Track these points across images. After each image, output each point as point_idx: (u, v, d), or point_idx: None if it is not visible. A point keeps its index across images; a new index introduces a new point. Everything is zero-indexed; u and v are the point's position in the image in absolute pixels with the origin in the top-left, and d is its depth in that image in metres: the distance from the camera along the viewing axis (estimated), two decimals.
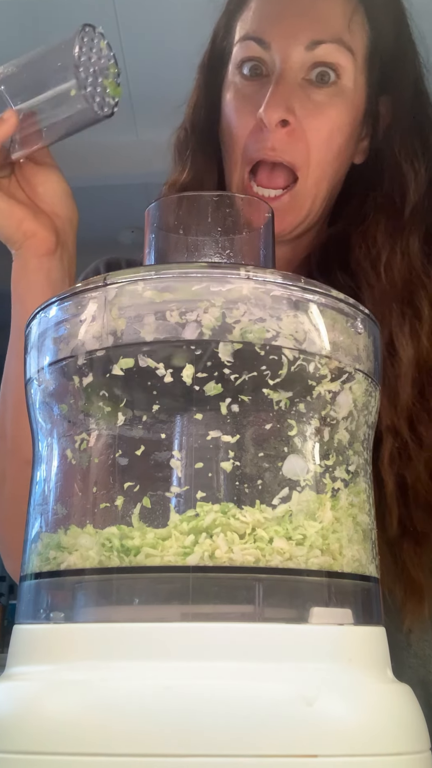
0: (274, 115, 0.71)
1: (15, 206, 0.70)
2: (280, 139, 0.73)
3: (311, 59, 0.74)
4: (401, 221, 0.77)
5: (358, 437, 0.47)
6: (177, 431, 0.44)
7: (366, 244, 0.77)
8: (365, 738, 0.38)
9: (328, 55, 0.74)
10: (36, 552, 0.45)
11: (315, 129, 0.74)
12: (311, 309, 0.44)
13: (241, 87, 0.76)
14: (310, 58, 0.74)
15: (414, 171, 0.78)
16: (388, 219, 0.77)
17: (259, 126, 0.73)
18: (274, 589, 0.41)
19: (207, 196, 0.56)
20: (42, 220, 0.71)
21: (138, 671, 0.38)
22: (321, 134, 0.74)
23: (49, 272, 0.71)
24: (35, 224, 0.71)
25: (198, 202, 0.56)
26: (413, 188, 0.78)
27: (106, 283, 0.44)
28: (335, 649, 0.40)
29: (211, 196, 0.56)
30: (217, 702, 0.36)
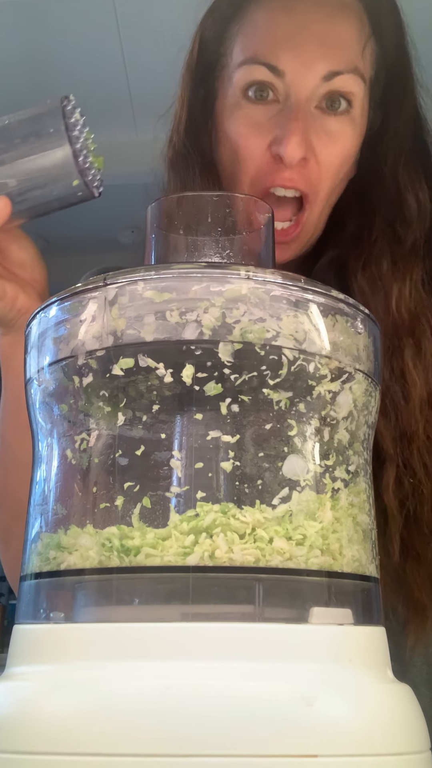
0: (296, 155, 0.70)
1: (5, 284, 0.68)
2: (297, 171, 0.72)
3: (326, 89, 0.72)
4: (404, 251, 0.77)
5: (358, 437, 0.47)
6: (177, 431, 0.44)
7: (369, 272, 0.76)
8: (365, 738, 0.38)
9: (344, 87, 0.72)
10: (36, 552, 0.45)
11: (330, 159, 0.73)
12: (311, 309, 0.44)
13: (247, 111, 0.73)
14: (324, 88, 0.72)
15: (417, 202, 0.77)
16: (392, 248, 0.77)
17: (273, 157, 0.72)
18: (274, 589, 0.41)
19: (207, 196, 0.56)
20: (29, 292, 0.69)
21: (138, 671, 0.38)
22: (335, 163, 0.73)
23: None
24: (27, 299, 0.68)
25: (198, 202, 0.56)
26: (416, 218, 0.77)
27: (106, 283, 0.44)
28: (335, 649, 0.40)
29: (211, 196, 0.56)
30: (217, 702, 0.36)
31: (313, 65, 0.71)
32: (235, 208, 0.56)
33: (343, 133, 0.74)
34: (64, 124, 0.62)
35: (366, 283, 0.76)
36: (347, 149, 0.74)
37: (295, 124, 0.70)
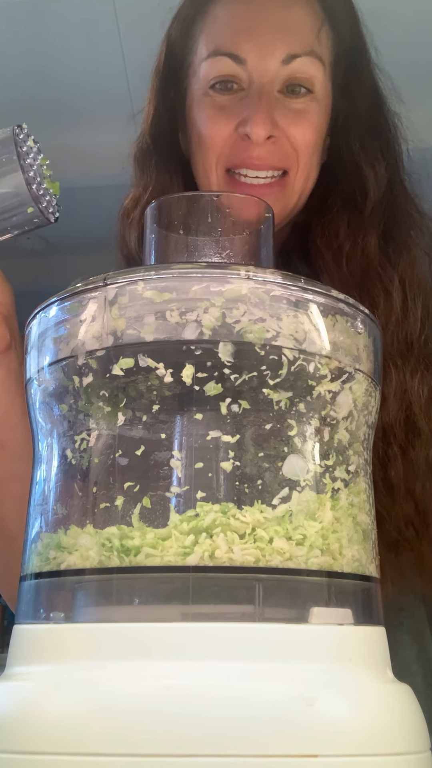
0: (261, 133, 0.73)
1: None
2: (266, 150, 0.75)
3: (286, 72, 0.75)
4: (362, 218, 0.80)
5: (358, 437, 0.47)
6: (177, 431, 0.44)
7: (328, 236, 0.80)
8: (365, 738, 0.38)
9: (303, 69, 0.76)
10: (36, 552, 0.45)
11: (301, 134, 0.76)
12: (311, 309, 0.44)
13: (213, 98, 0.77)
14: (285, 71, 0.75)
15: (374, 172, 0.81)
16: (350, 215, 0.80)
17: (240, 137, 0.75)
18: (274, 589, 0.41)
19: (207, 196, 0.56)
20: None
21: (138, 671, 0.38)
22: (307, 138, 0.77)
23: (8, 365, 0.69)
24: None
25: (198, 202, 0.56)
26: (374, 189, 0.81)
27: (106, 283, 0.44)
28: (335, 649, 0.40)
29: (210, 196, 0.56)
30: (217, 702, 0.36)
31: (272, 50, 0.75)
32: (235, 208, 0.56)
33: (308, 110, 0.77)
34: (16, 152, 0.62)
35: (323, 245, 0.80)
36: (314, 125, 0.78)
37: (259, 104, 0.74)
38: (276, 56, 0.75)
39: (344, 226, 0.80)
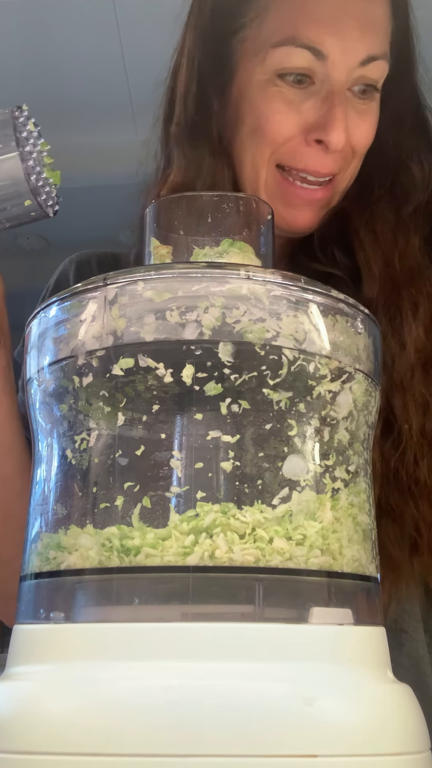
0: (342, 141, 0.70)
1: None
2: (333, 156, 0.72)
3: (360, 73, 0.71)
4: (405, 217, 0.78)
5: (358, 437, 0.47)
6: (177, 431, 0.44)
7: (371, 227, 0.77)
8: (365, 738, 0.38)
9: (376, 71, 0.72)
10: (36, 552, 0.45)
11: (362, 137, 0.74)
12: (311, 309, 0.44)
13: (282, 90, 0.72)
14: (359, 72, 0.71)
15: (421, 170, 0.79)
16: (395, 209, 0.78)
17: (306, 141, 0.72)
18: (274, 589, 0.41)
19: (207, 196, 0.56)
20: None
21: (138, 671, 0.38)
22: (367, 140, 0.74)
23: None
24: None
25: (198, 202, 0.56)
26: (420, 187, 0.78)
27: (106, 283, 0.44)
28: (335, 649, 0.40)
29: (211, 196, 0.56)
30: (217, 702, 0.36)
31: (355, 49, 0.70)
32: (235, 208, 0.56)
33: (371, 112, 0.74)
34: (15, 138, 0.56)
35: (368, 239, 0.77)
36: (374, 126, 0.75)
37: (338, 110, 0.70)
38: (358, 56, 0.70)
39: (391, 219, 0.77)
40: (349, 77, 0.71)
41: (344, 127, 0.70)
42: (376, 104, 0.75)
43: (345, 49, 0.70)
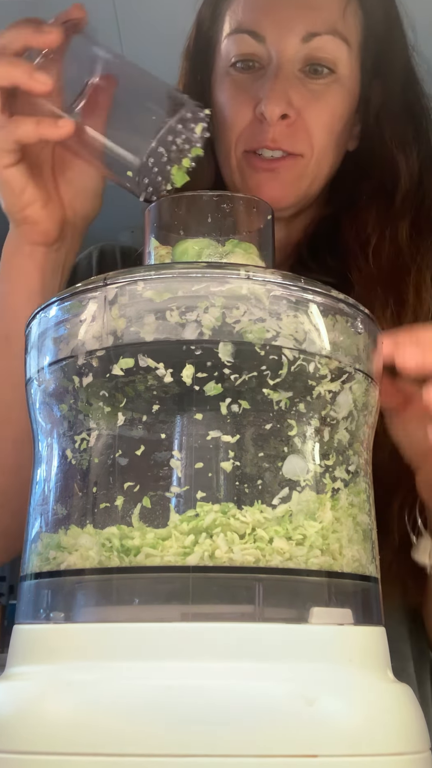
0: (276, 110, 0.72)
1: (31, 187, 0.65)
2: (280, 132, 0.73)
3: (306, 51, 0.74)
4: (392, 208, 0.78)
5: (358, 437, 0.47)
6: (177, 431, 0.44)
7: (356, 228, 0.78)
8: (365, 738, 0.38)
9: (324, 48, 0.74)
10: (36, 552, 0.45)
11: (315, 117, 0.74)
12: (311, 309, 0.44)
13: (234, 78, 0.76)
14: (305, 50, 0.74)
15: (406, 158, 0.79)
16: (379, 205, 0.79)
17: (257, 119, 0.74)
18: (274, 589, 0.41)
19: (207, 196, 0.56)
20: (50, 210, 0.67)
21: (138, 671, 0.38)
22: (321, 121, 0.75)
23: (41, 262, 0.68)
24: (41, 213, 0.66)
25: (198, 202, 0.56)
26: (405, 176, 0.79)
27: (106, 283, 0.44)
28: (335, 649, 0.40)
29: (210, 196, 0.56)
30: (217, 702, 0.36)
31: (290, 27, 0.73)
32: (235, 208, 0.56)
33: (328, 93, 0.75)
34: (166, 123, 0.58)
35: (351, 239, 0.78)
36: (333, 109, 0.76)
37: (274, 81, 0.73)
38: (295, 33, 0.73)
39: (373, 216, 0.78)
40: (294, 56, 0.74)
41: (279, 98, 0.72)
42: (339, 88, 0.75)
43: (279, 28, 0.73)
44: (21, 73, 0.58)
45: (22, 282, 0.68)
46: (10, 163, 0.63)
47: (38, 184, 0.65)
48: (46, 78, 0.58)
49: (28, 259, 0.68)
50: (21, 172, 0.64)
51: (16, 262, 0.69)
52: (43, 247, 0.68)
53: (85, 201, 0.69)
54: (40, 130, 0.59)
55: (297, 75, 0.74)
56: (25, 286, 0.68)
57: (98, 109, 0.61)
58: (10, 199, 0.65)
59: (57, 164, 0.67)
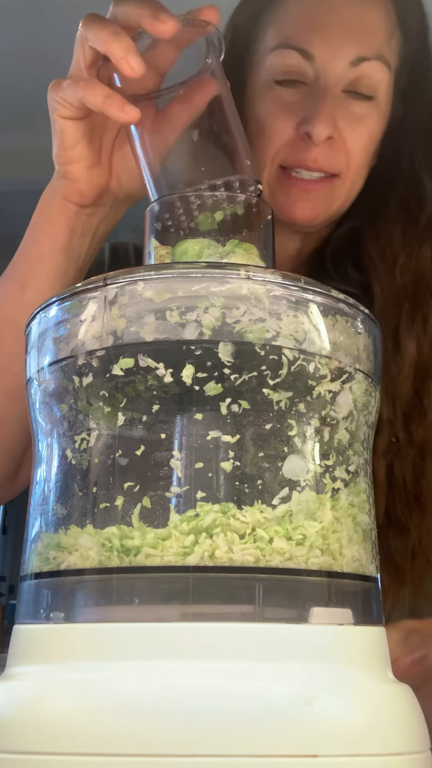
0: (324, 132, 0.73)
1: (82, 146, 0.64)
2: (322, 152, 0.74)
3: (353, 74, 0.75)
4: (417, 228, 0.81)
5: (358, 437, 0.47)
6: (177, 431, 0.44)
7: (381, 244, 0.80)
8: (365, 738, 0.38)
9: (371, 73, 0.75)
10: (36, 552, 0.45)
11: (355, 140, 0.76)
12: (311, 309, 0.44)
13: (277, 92, 0.76)
14: (352, 73, 0.75)
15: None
16: (405, 225, 0.81)
17: (300, 136, 0.75)
18: (274, 589, 0.41)
19: (207, 196, 0.56)
20: (94, 174, 0.66)
21: (138, 671, 0.38)
22: (361, 144, 0.77)
23: (70, 220, 0.67)
24: (83, 173, 0.65)
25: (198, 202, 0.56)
26: (431, 200, 0.81)
27: (106, 283, 0.44)
28: (335, 649, 0.40)
29: (211, 196, 0.56)
30: (217, 702, 0.36)
31: (342, 50, 0.74)
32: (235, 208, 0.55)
33: (369, 116, 0.77)
34: (208, 182, 0.55)
35: (376, 254, 0.80)
36: (372, 132, 0.77)
37: (323, 104, 0.73)
38: (345, 56, 0.74)
39: (398, 235, 0.80)
40: (340, 78, 0.75)
41: (328, 120, 0.73)
42: (377, 111, 0.77)
43: (331, 49, 0.74)
44: (117, 48, 0.56)
45: (50, 235, 0.67)
46: (69, 117, 0.62)
47: (92, 146, 0.65)
48: (138, 65, 0.56)
49: (59, 213, 0.67)
50: (77, 127, 0.63)
51: (48, 211, 0.68)
52: (76, 206, 0.67)
53: (133, 179, 0.67)
54: (104, 104, 0.58)
55: (341, 96, 0.75)
56: (52, 239, 0.67)
57: (170, 122, 0.60)
58: (59, 150, 0.65)
59: (121, 134, 0.67)
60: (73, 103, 0.61)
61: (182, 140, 0.60)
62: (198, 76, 0.59)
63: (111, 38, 0.57)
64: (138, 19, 0.57)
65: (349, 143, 0.75)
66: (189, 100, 0.59)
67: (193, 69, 0.59)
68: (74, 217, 0.67)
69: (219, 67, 0.59)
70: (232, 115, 0.59)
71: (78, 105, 0.61)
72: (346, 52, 0.74)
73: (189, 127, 0.59)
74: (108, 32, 0.57)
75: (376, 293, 0.78)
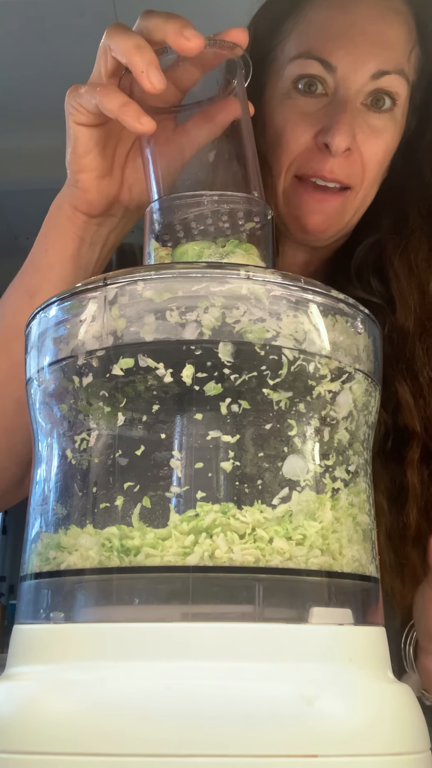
0: (343, 144, 0.73)
1: (94, 155, 0.63)
2: (339, 163, 0.75)
3: (373, 86, 0.75)
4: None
5: (358, 437, 0.47)
6: (177, 431, 0.44)
7: (407, 260, 0.81)
8: (365, 738, 0.38)
9: (390, 86, 0.76)
10: (36, 552, 0.45)
11: (372, 153, 0.76)
12: (311, 309, 0.44)
13: (297, 101, 0.77)
14: (372, 86, 0.75)
15: None
16: (429, 243, 0.81)
17: (318, 147, 0.75)
18: (274, 589, 0.41)
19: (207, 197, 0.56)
20: (104, 184, 0.65)
21: (138, 671, 0.38)
22: (377, 157, 0.77)
23: (79, 228, 0.67)
24: (93, 182, 0.64)
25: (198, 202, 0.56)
26: None
27: (106, 283, 0.44)
28: (335, 649, 0.40)
29: (211, 196, 0.56)
30: (217, 702, 0.36)
31: (364, 63, 0.75)
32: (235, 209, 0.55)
33: (386, 129, 0.77)
34: (209, 207, 0.54)
35: (402, 269, 0.81)
36: (388, 145, 0.78)
37: (343, 115, 0.74)
38: (367, 69, 0.74)
39: (425, 252, 0.81)
40: (360, 90, 0.75)
41: (347, 132, 0.73)
42: (394, 124, 0.78)
43: (354, 62, 0.74)
44: (139, 61, 0.56)
45: (59, 244, 0.67)
46: (84, 123, 0.62)
47: (105, 155, 0.64)
48: (159, 80, 0.55)
49: (68, 222, 0.67)
50: (91, 135, 0.62)
51: (57, 220, 0.68)
52: (85, 216, 0.66)
53: (145, 191, 0.65)
54: (120, 111, 0.57)
55: (360, 108, 0.76)
56: (61, 249, 0.67)
57: (187, 140, 0.59)
58: (71, 157, 0.64)
59: (135, 147, 0.66)
60: (88, 109, 0.60)
61: (195, 160, 0.59)
62: (221, 96, 0.58)
63: (134, 51, 0.56)
64: (164, 35, 0.56)
65: (366, 156, 0.76)
66: (210, 120, 0.59)
67: (216, 90, 0.58)
68: (83, 226, 0.67)
69: (243, 90, 0.59)
70: (249, 141, 0.58)
71: (94, 111, 0.60)
72: (368, 65, 0.74)
73: (204, 148, 0.59)
74: (131, 44, 0.57)
75: (399, 306, 0.79)
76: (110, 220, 0.68)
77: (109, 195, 0.66)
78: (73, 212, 0.66)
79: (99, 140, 0.63)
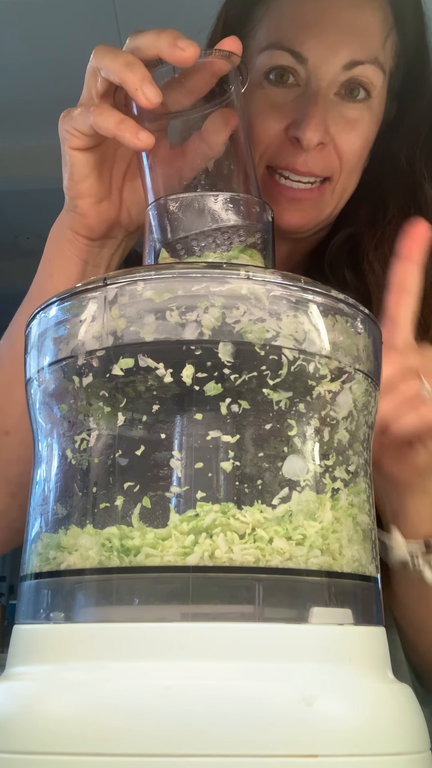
0: (314, 139, 0.72)
1: (91, 180, 0.63)
2: (312, 156, 0.73)
3: (346, 77, 0.73)
4: None
5: (358, 437, 0.47)
6: (177, 431, 0.44)
7: (381, 251, 0.79)
8: (365, 738, 0.38)
9: (364, 76, 0.74)
10: (36, 552, 0.45)
11: (348, 143, 0.75)
12: (311, 309, 0.44)
13: (267, 92, 0.75)
14: (345, 76, 0.73)
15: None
16: None
17: (289, 139, 0.73)
18: (274, 589, 0.41)
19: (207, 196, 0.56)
20: (103, 209, 0.65)
21: (138, 671, 0.38)
22: (354, 148, 0.75)
23: (82, 252, 0.66)
24: (92, 208, 0.64)
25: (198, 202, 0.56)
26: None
27: (106, 283, 0.44)
28: (335, 649, 0.40)
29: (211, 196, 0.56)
30: (217, 702, 0.36)
31: (335, 53, 0.73)
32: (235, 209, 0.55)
33: (361, 120, 0.75)
34: (210, 226, 0.53)
35: (377, 262, 0.79)
36: (364, 136, 0.76)
37: (314, 108, 0.72)
38: (339, 60, 0.72)
39: (399, 242, 0.79)
40: (333, 81, 0.73)
41: (318, 126, 0.72)
42: (370, 114, 0.76)
43: (325, 52, 0.72)
44: (132, 79, 0.55)
45: (63, 269, 0.67)
46: (80, 147, 0.61)
47: (101, 179, 0.64)
48: (154, 95, 0.55)
49: (70, 245, 0.67)
50: (87, 160, 0.62)
51: (59, 245, 0.67)
52: (85, 239, 0.66)
53: (144, 211, 0.66)
54: (117, 129, 0.56)
55: (333, 99, 0.74)
56: (65, 273, 0.67)
57: (182, 160, 0.58)
58: (68, 183, 0.64)
59: (132, 167, 0.66)
60: (83, 131, 0.60)
61: None
62: (219, 105, 0.58)
63: (125, 69, 0.55)
64: (157, 50, 0.56)
65: (342, 147, 0.74)
66: (206, 139, 0.58)
67: (213, 99, 0.58)
68: (85, 249, 0.66)
69: (240, 98, 0.58)
70: (246, 151, 0.58)
71: (89, 132, 0.60)
72: (340, 56, 0.72)
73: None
74: (121, 62, 0.56)
75: (375, 300, 0.77)
76: (111, 242, 0.68)
77: (109, 218, 0.66)
78: (74, 236, 0.66)
79: (96, 164, 0.63)
